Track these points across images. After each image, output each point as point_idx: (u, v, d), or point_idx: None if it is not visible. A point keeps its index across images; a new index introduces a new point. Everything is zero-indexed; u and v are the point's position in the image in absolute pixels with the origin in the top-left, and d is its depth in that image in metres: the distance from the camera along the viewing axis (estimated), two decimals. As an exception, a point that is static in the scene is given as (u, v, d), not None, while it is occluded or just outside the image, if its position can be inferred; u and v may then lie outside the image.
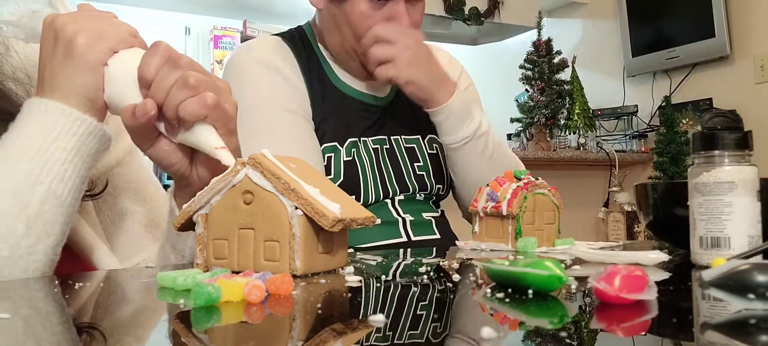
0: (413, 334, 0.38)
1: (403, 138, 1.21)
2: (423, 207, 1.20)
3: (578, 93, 3.26)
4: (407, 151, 1.20)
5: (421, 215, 1.18)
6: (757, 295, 0.41)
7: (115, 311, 0.49)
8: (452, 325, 0.43)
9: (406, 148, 1.20)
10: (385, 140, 1.19)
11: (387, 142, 1.19)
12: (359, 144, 1.15)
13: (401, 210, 1.15)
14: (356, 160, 1.13)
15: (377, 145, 1.17)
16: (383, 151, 1.17)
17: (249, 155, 0.60)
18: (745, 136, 0.66)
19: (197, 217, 0.61)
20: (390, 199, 1.15)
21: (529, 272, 0.47)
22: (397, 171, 1.17)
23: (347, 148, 1.14)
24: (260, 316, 0.43)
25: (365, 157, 1.15)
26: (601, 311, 0.44)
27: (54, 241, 0.64)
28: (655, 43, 3.42)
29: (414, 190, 1.18)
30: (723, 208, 0.65)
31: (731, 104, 3.12)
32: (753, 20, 3.11)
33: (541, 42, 3.27)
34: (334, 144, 1.13)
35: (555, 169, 3.30)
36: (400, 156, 1.19)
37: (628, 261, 0.66)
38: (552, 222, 0.88)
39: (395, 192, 1.16)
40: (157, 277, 0.54)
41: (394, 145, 1.19)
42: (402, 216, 1.15)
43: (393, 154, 1.18)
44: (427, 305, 0.48)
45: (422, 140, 1.23)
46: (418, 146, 1.21)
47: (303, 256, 0.56)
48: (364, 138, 1.16)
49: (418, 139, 1.22)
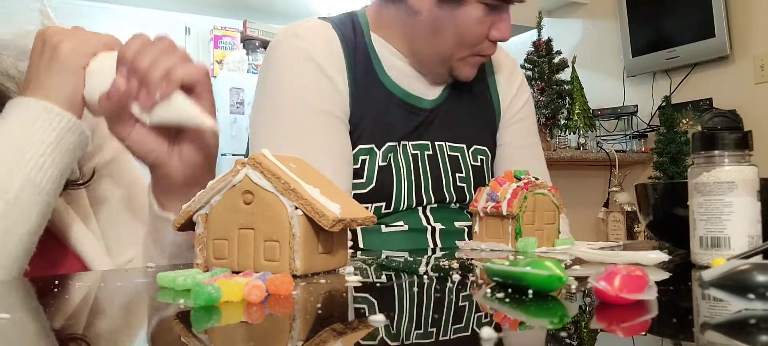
0: (413, 334, 0.38)
1: (448, 145, 1.14)
2: (456, 216, 1.13)
3: (578, 93, 3.26)
4: (450, 160, 1.13)
5: (452, 223, 1.11)
6: (757, 295, 0.41)
7: (115, 311, 0.49)
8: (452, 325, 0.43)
9: (450, 156, 1.13)
10: (428, 146, 1.12)
11: (430, 147, 1.12)
12: (398, 148, 1.09)
13: (432, 218, 1.10)
14: (392, 166, 1.07)
15: (418, 151, 1.11)
16: (424, 157, 1.11)
17: (250, 155, 0.60)
18: (745, 136, 0.66)
19: (197, 217, 0.61)
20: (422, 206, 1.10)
21: (529, 272, 0.47)
22: (435, 179, 1.10)
23: (384, 153, 1.07)
24: (260, 316, 0.43)
25: (402, 163, 1.08)
26: (601, 311, 0.44)
27: (30, 228, 0.66)
28: (655, 43, 3.42)
29: (451, 200, 1.12)
30: (723, 208, 0.65)
31: (731, 104, 3.12)
32: (753, 20, 3.11)
33: (541, 42, 3.27)
34: (371, 146, 1.06)
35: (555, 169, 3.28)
36: (442, 164, 1.12)
37: (628, 261, 0.66)
38: (552, 222, 0.88)
39: (429, 200, 1.10)
40: (157, 277, 0.54)
41: (437, 151, 1.12)
42: (432, 224, 1.09)
43: (434, 162, 1.12)
44: (426, 305, 0.48)
45: (467, 150, 1.15)
46: (461, 156, 1.14)
47: (303, 256, 0.56)
48: (404, 142, 1.09)
49: (463, 148, 1.15)
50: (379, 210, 1.05)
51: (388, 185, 1.05)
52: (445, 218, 1.10)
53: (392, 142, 1.08)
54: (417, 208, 1.09)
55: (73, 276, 0.63)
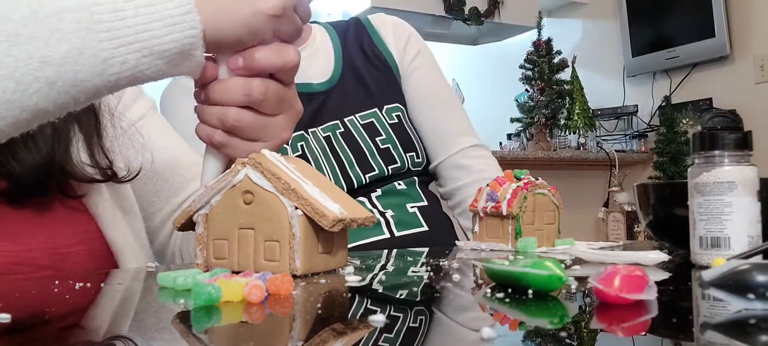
0: (413, 334, 0.38)
1: (359, 116, 1.13)
2: (406, 198, 1.12)
3: (578, 93, 3.26)
4: (366, 128, 1.12)
5: (404, 208, 1.10)
6: (757, 295, 0.41)
7: (114, 310, 0.49)
8: (452, 325, 0.43)
9: (364, 125, 1.12)
10: (338, 125, 1.11)
11: (340, 125, 1.11)
12: (307, 136, 1.08)
13: (381, 206, 1.09)
14: (307, 155, 1.06)
15: (328, 132, 1.10)
16: (337, 137, 1.10)
17: (250, 155, 0.60)
18: (745, 136, 0.66)
19: (197, 217, 0.61)
20: (367, 196, 1.09)
21: (529, 272, 0.47)
22: (357, 154, 1.09)
23: (293, 145, 1.06)
24: (260, 316, 0.43)
25: (317, 149, 1.08)
26: (601, 311, 0.44)
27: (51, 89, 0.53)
28: (655, 43, 3.43)
29: (381, 169, 1.10)
30: (723, 208, 0.65)
31: (731, 104, 3.12)
32: (753, 20, 3.11)
33: (541, 42, 3.27)
34: None
35: (555, 169, 3.30)
36: (358, 136, 1.11)
37: (628, 261, 0.66)
38: (552, 222, 0.88)
39: (360, 180, 1.08)
40: (157, 277, 0.54)
41: (349, 126, 1.11)
42: (386, 217, 1.08)
43: (350, 137, 1.10)
44: (426, 305, 0.48)
45: (380, 112, 1.14)
46: (376, 119, 1.13)
47: (303, 256, 0.56)
48: (311, 129, 1.09)
49: (375, 111, 1.14)
50: None
51: None
52: (394, 205, 1.10)
53: (297, 132, 1.07)
54: (363, 200, 1.08)
55: (73, 276, 0.63)
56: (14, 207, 0.69)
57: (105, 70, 0.54)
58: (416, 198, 1.13)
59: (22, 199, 0.69)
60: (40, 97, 0.53)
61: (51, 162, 0.69)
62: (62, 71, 0.53)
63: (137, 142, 0.82)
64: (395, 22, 1.27)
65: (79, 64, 0.53)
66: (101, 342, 0.38)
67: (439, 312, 0.46)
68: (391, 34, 1.24)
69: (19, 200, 0.69)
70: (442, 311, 0.46)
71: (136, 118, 0.85)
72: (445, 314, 0.46)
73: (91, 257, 0.73)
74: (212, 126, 0.63)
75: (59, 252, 0.70)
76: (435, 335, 0.38)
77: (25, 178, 0.67)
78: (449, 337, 0.39)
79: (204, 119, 0.63)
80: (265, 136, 0.64)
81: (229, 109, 0.61)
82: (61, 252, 0.70)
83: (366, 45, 1.22)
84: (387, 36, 1.23)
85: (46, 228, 0.71)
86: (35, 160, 0.67)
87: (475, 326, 0.41)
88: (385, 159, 1.11)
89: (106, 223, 0.75)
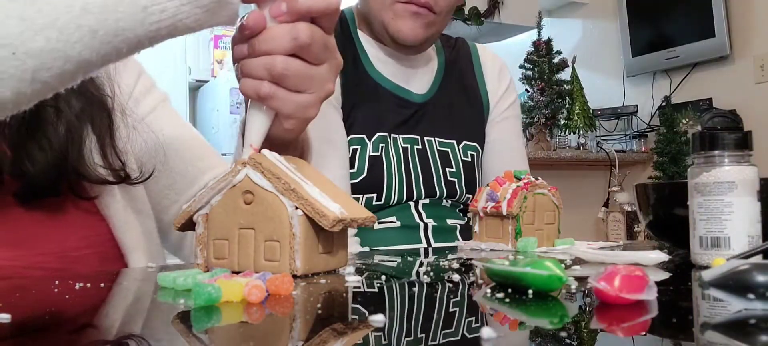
0: (413, 334, 0.38)
1: (438, 140, 1.14)
2: (448, 213, 1.14)
3: (578, 93, 3.26)
4: (440, 155, 1.14)
5: (445, 220, 1.12)
6: (757, 295, 0.41)
7: (115, 310, 0.49)
8: (452, 325, 0.43)
9: (440, 152, 1.14)
10: (418, 140, 1.12)
11: (419, 142, 1.12)
12: (389, 140, 1.09)
13: (424, 214, 1.10)
14: (383, 157, 1.07)
15: (408, 144, 1.11)
16: (414, 152, 1.11)
17: (249, 155, 0.60)
18: (745, 136, 0.66)
19: (197, 217, 0.61)
20: (414, 201, 1.10)
21: (529, 272, 0.47)
22: (426, 174, 1.11)
23: (375, 143, 1.07)
24: (260, 316, 0.43)
25: (393, 155, 1.08)
26: (601, 311, 0.44)
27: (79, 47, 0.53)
28: (655, 43, 3.43)
29: (441, 195, 1.12)
30: (723, 208, 0.65)
31: (731, 104, 3.12)
32: (753, 20, 3.11)
33: (541, 42, 3.27)
34: (362, 136, 1.07)
35: (555, 169, 3.30)
36: (431, 159, 1.13)
37: (628, 261, 0.66)
38: (552, 222, 0.88)
39: (420, 195, 1.10)
40: (158, 277, 0.54)
41: (427, 146, 1.13)
42: (424, 221, 1.10)
43: (424, 156, 1.12)
44: (427, 305, 0.48)
45: (457, 146, 1.16)
46: (452, 151, 1.15)
47: (303, 256, 0.56)
48: (394, 134, 1.10)
49: (453, 143, 1.16)
50: (371, 202, 1.07)
51: (379, 176, 1.06)
52: (437, 215, 1.11)
53: (383, 133, 1.09)
54: (408, 203, 1.10)
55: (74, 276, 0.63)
56: (26, 209, 0.69)
57: (145, 19, 0.54)
58: (457, 217, 1.15)
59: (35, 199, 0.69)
60: (83, 47, 0.52)
61: (64, 162, 0.68)
62: (103, 19, 0.52)
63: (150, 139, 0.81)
64: (502, 65, 1.28)
65: (119, 12, 0.53)
66: (101, 342, 0.38)
67: (439, 312, 0.46)
68: (494, 74, 1.24)
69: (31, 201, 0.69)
70: (442, 311, 0.46)
71: (147, 110, 0.85)
72: (445, 314, 0.46)
73: (100, 260, 0.73)
74: (258, 78, 0.61)
75: (70, 256, 0.70)
76: (435, 335, 0.38)
77: (39, 178, 0.67)
78: (449, 337, 0.39)
79: (249, 72, 0.61)
80: (311, 86, 0.63)
81: (276, 58, 0.60)
82: (71, 256, 0.71)
83: (466, 72, 1.22)
84: (488, 74, 1.24)
85: (57, 232, 0.71)
86: (49, 160, 0.67)
87: (475, 326, 0.41)
88: (448, 189, 1.13)
89: (117, 225, 0.75)
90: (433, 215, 1.11)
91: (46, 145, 0.67)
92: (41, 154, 0.66)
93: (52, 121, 0.68)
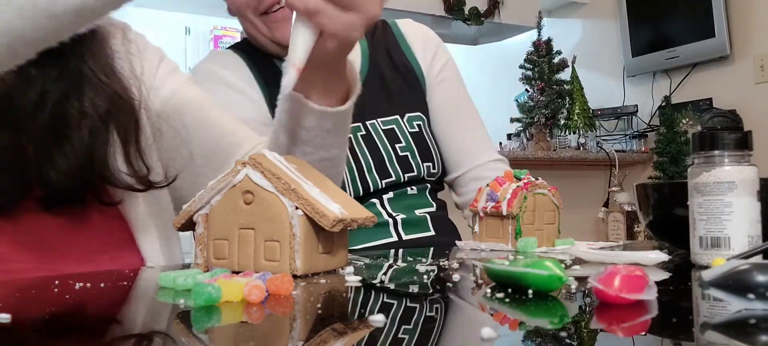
0: (413, 334, 0.38)
1: (380, 120, 1.13)
2: (416, 202, 1.13)
3: (578, 93, 3.26)
4: (386, 133, 1.12)
5: (413, 212, 1.11)
6: (757, 295, 0.41)
7: (115, 310, 0.49)
8: (452, 325, 0.43)
9: (385, 131, 1.12)
10: (360, 127, 1.11)
11: (362, 128, 1.11)
12: None
13: (391, 209, 1.10)
14: None
15: (351, 133, 1.08)
16: (358, 139, 1.10)
17: (250, 155, 0.60)
18: (745, 136, 0.66)
19: (197, 217, 0.61)
20: (378, 199, 1.10)
21: (529, 272, 0.47)
22: (376, 158, 1.09)
23: None
24: (260, 316, 0.43)
25: None
26: (601, 311, 0.44)
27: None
28: (655, 43, 3.42)
29: (398, 176, 1.10)
30: (723, 208, 0.65)
31: (731, 104, 3.12)
32: (753, 20, 3.11)
33: (541, 42, 3.27)
34: None
35: (555, 169, 3.30)
36: (378, 140, 1.11)
37: (628, 261, 0.66)
38: (552, 222, 0.88)
39: (376, 184, 1.08)
40: (158, 277, 0.54)
41: (370, 129, 1.11)
42: (393, 217, 1.09)
43: (370, 140, 1.11)
44: (427, 305, 0.48)
45: (401, 119, 1.14)
46: (397, 126, 1.13)
47: (303, 256, 0.56)
48: None
49: (397, 118, 1.14)
50: None
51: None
52: (405, 207, 1.10)
53: None
54: (373, 201, 1.09)
55: (73, 276, 0.63)
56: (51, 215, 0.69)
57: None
58: (426, 204, 1.14)
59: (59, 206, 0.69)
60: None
61: (88, 169, 0.68)
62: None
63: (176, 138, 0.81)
64: (425, 32, 1.27)
65: None
66: (101, 342, 0.38)
67: (439, 312, 0.46)
68: (419, 43, 1.23)
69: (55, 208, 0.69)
70: (442, 311, 0.46)
71: (169, 93, 0.83)
72: (445, 314, 0.46)
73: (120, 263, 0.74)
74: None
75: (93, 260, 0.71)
76: (435, 335, 0.38)
77: (62, 184, 0.66)
78: (449, 337, 0.39)
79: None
80: (358, 5, 0.63)
81: None
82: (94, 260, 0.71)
83: (392, 49, 1.21)
84: (415, 44, 1.23)
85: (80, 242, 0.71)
86: (71, 166, 0.67)
87: (475, 326, 0.41)
88: (402, 166, 1.11)
89: (138, 228, 0.75)
90: (401, 209, 1.10)
91: (69, 150, 0.67)
92: (64, 160, 0.66)
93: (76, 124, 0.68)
